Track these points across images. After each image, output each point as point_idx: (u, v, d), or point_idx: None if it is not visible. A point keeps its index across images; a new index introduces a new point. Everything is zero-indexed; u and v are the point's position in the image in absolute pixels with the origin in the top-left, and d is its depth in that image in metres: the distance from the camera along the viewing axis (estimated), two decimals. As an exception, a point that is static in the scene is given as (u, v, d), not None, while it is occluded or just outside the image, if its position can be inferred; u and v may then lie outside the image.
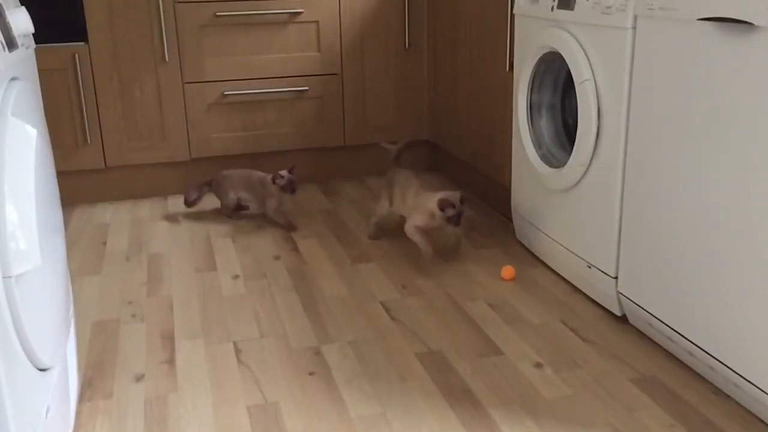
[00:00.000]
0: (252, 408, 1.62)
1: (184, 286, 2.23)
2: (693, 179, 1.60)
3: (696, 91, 1.56)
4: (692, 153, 1.59)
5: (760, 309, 1.44)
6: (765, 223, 1.41)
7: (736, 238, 1.49)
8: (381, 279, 2.27)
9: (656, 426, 1.52)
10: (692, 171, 1.60)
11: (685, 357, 1.73)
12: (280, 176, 2.61)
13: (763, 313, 1.44)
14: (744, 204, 1.46)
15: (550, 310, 2.04)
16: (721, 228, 1.53)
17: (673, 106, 1.64)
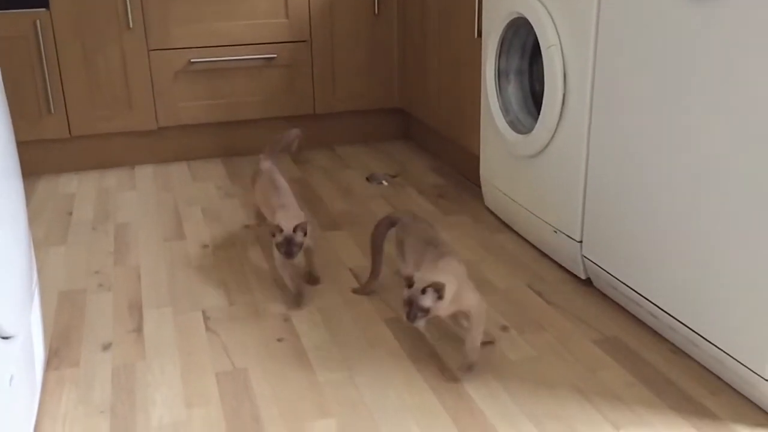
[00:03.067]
0: (220, 375, 1.62)
1: (152, 256, 2.22)
2: (655, 144, 1.62)
3: (660, 56, 1.57)
4: (656, 118, 1.61)
5: (719, 271, 1.48)
6: (725, 188, 1.44)
7: (697, 202, 1.52)
8: (350, 246, 2.27)
9: (617, 385, 1.56)
10: (655, 136, 1.62)
11: (646, 318, 1.77)
12: (279, 230, 1.85)
13: (722, 274, 1.47)
14: (705, 169, 1.48)
15: (517, 275, 2.06)
16: (683, 193, 1.55)
17: (637, 71, 1.65)
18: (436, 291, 1.49)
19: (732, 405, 1.48)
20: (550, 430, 1.42)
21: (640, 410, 1.48)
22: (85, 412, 1.50)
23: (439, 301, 1.51)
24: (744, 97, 1.36)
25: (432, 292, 1.50)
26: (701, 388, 1.54)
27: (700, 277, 1.53)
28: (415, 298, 1.50)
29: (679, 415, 1.46)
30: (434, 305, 1.50)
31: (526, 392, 1.54)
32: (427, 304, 1.50)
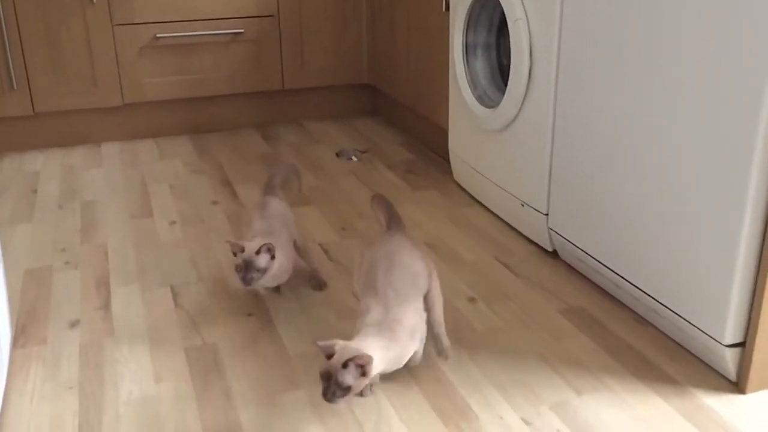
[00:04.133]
0: (190, 350, 1.62)
1: (119, 233, 2.20)
2: (620, 118, 1.64)
3: (625, 30, 1.59)
4: (621, 91, 1.63)
5: (680, 242, 1.51)
6: (687, 163, 1.46)
7: (659, 175, 1.54)
8: (320, 222, 2.28)
9: (581, 352, 1.59)
10: (620, 110, 1.64)
11: (610, 288, 1.80)
12: (240, 250, 1.65)
13: (683, 246, 1.50)
14: (667, 143, 1.51)
15: (485, 248, 2.09)
16: (646, 165, 1.58)
17: (602, 45, 1.66)
18: (359, 367, 1.24)
19: (692, 371, 1.52)
20: (515, 397, 1.45)
21: (602, 376, 1.51)
22: (53, 389, 1.49)
23: (362, 378, 1.24)
24: (709, 71, 1.39)
25: (354, 369, 1.24)
26: (662, 355, 1.58)
27: (662, 248, 1.56)
28: (334, 372, 1.23)
29: (641, 381, 1.49)
30: (356, 383, 1.23)
31: (492, 361, 1.57)
32: (348, 382, 1.23)
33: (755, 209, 1.34)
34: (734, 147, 1.34)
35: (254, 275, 1.62)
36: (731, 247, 1.38)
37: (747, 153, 1.32)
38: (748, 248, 1.37)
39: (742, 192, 1.34)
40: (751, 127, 1.30)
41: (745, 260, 1.38)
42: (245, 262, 1.61)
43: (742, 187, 1.34)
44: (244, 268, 1.61)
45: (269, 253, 1.63)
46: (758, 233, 1.36)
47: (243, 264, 1.61)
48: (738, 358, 1.45)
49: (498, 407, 1.43)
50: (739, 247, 1.37)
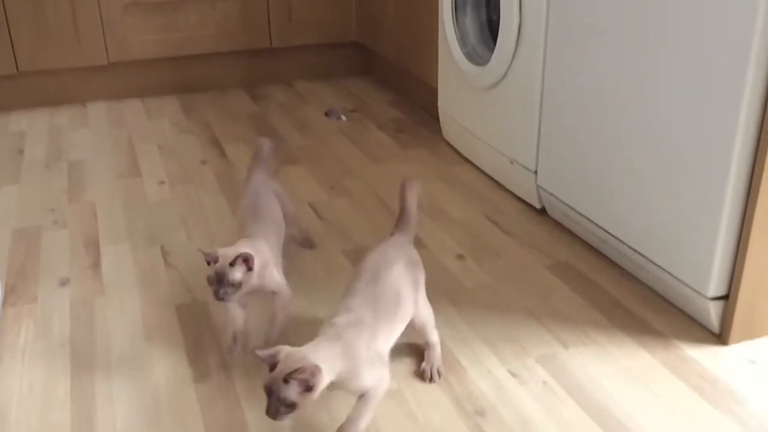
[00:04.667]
0: (181, 307, 1.63)
1: (108, 193, 2.20)
2: (609, 75, 1.63)
3: (612, -18, 1.58)
4: (610, 48, 1.62)
5: (665, 198, 1.52)
6: (672, 119, 1.47)
7: (647, 132, 1.55)
8: (309, 180, 2.27)
9: (568, 307, 1.62)
10: (609, 66, 1.63)
11: (597, 244, 1.82)
12: (213, 259, 1.38)
13: (667, 202, 1.51)
14: (654, 99, 1.51)
15: (474, 205, 2.09)
16: (633, 122, 1.58)
17: (592, 1, 1.65)
18: (303, 381, 1.11)
19: (676, 323, 1.55)
20: (503, 351, 1.48)
21: (589, 330, 1.54)
22: (45, 346, 1.50)
23: (308, 393, 1.12)
24: (698, 28, 1.38)
25: (297, 384, 1.11)
26: (647, 309, 1.60)
27: (648, 204, 1.57)
28: (275, 387, 1.11)
29: (626, 334, 1.52)
30: (301, 399, 1.11)
31: (481, 317, 1.59)
32: (291, 398, 1.11)
33: (740, 164, 1.35)
34: (721, 104, 1.35)
35: (228, 290, 1.36)
36: (716, 203, 1.39)
37: (733, 110, 1.32)
38: (733, 204, 1.38)
39: (728, 148, 1.35)
40: (737, 83, 1.30)
41: (729, 215, 1.39)
42: (217, 275, 1.35)
43: (727, 143, 1.35)
44: (216, 281, 1.36)
45: (245, 265, 1.37)
46: (743, 189, 1.37)
47: (215, 276, 1.36)
48: (721, 311, 1.47)
49: (486, 361, 1.45)
50: (724, 202, 1.38)
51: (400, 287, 1.33)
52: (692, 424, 1.28)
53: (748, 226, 1.38)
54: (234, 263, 1.35)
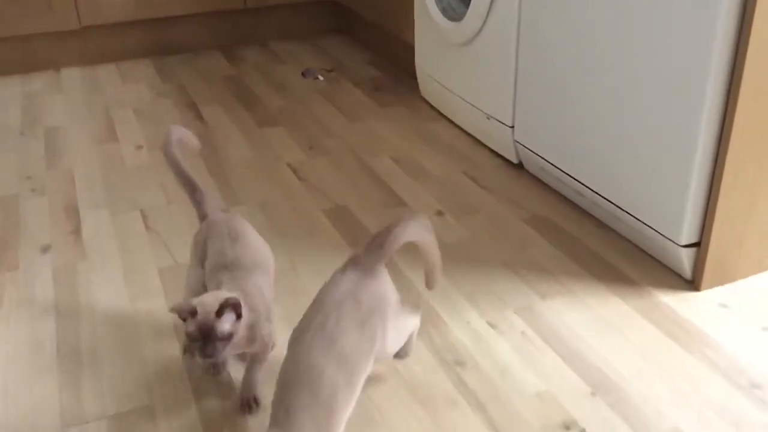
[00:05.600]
0: (163, 270, 1.65)
1: (85, 159, 2.18)
2: (584, 29, 1.64)
3: (584, -67, 1.57)
4: (583, 2, 1.62)
5: (638, 150, 1.54)
6: (645, 74, 1.48)
7: (621, 85, 1.56)
8: (287, 141, 2.27)
9: (545, 259, 1.65)
10: (583, 21, 1.63)
11: (573, 197, 1.85)
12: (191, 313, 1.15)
13: (641, 153, 1.54)
14: (628, 52, 1.52)
15: (452, 162, 2.11)
16: (608, 76, 1.59)
17: (563, -50, 1.65)
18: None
19: (649, 271, 1.59)
20: (482, 303, 1.51)
21: (565, 281, 1.57)
22: (30, 312, 1.52)
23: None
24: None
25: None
26: (622, 258, 1.64)
27: (621, 156, 1.60)
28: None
29: (602, 284, 1.56)
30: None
31: (460, 271, 1.62)
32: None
33: (711, 115, 1.37)
34: (691, 57, 1.36)
35: (217, 345, 1.13)
36: (688, 153, 1.42)
37: (704, 62, 1.34)
38: (704, 154, 1.41)
39: (699, 99, 1.37)
40: (707, 37, 1.32)
41: (700, 166, 1.42)
42: (201, 329, 1.12)
43: (698, 94, 1.36)
44: (201, 338, 1.12)
45: (234, 311, 1.15)
46: (713, 139, 1.40)
47: (198, 331, 1.12)
48: (693, 258, 1.51)
49: (465, 313, 1.49)
50: (695, 153, 1.41)
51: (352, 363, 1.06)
52: (665, 367, 1.32)
53: (719, 176, 1.41)
54: (221, 312, 1.13)
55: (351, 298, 1.10)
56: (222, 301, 1.13)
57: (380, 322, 1.12)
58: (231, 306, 1.14)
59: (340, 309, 1.08)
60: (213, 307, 1.13)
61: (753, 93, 1.34)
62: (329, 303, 1.09)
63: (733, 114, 1.35)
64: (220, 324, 1.13)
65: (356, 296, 1.10)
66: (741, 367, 1.32)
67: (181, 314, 1.14)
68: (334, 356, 1.04)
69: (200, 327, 1.12)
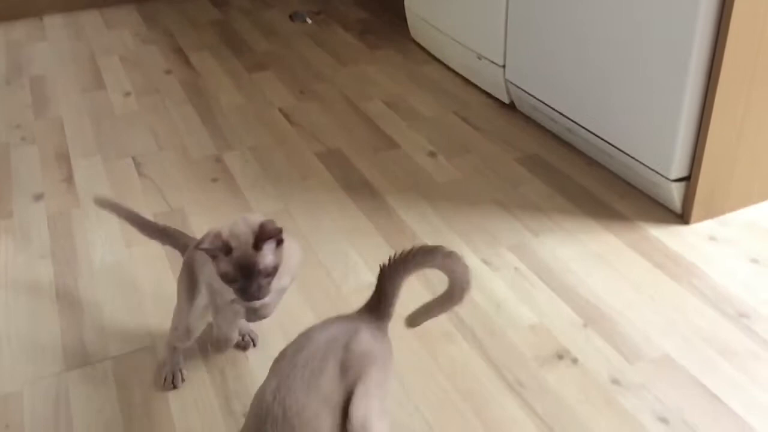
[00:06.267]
0: (158, 215, 1.65)
1: (73, 107, 2.16)
2: (573, -41, 1.62)
3: None
4: (572, -69, 1.60)
5: (628, 86, 1.54)
6: (633, 6, 1.47)
7: (612, 22, 1.55)
8: (278, 86, 2.25)
9: (537, 197, 1.66)
10: (572, -50, 1.61)
11: (564, 134, 1.85)
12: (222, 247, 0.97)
13: (631, 89, 1.54)
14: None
15: (443, 103, 2.10)
16: (598, 13, 1.58)
17: None
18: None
19: (640, 206, 1.61)
20: (476, 241, 1.53)
21: (557, 217, 1.59)
22: (26, 259, 1.52)
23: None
24: None
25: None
26: (613, 194, 1.66)
27: (612, 93, 1.60)
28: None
29: (593, 219, 1.58)
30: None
31: (453, 211, 1.63)
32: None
33: (700, 50, 1.37)
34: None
35: (261, 282, 0.96)
36: (677, 89, 1.42)
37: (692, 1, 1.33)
38: (693, 89, 1.41)
39: (689, 35, 1.36)
40: (701, -38, 1.31)
41: (690, 101, 1.42)
42: (242, 266, 0.95)
43: (688, 29, 1.36)
44: (241, 275, 0.95)
45: (275, 238, 0.97)
46: (703, 74, 1.40)
47: (237, 269, 0.95)
48: (683, 192, 1.53)
49: (460, 251, 1.50)
50: (685, 88, 1.41)
51: None
52: (655, 298, 1.35)
53: (708, 110, 1.42)
54: (259, 244, 0.95)
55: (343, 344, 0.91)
56: (258, 229, 0.95)
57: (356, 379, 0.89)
58: (269, 233, 0.95)
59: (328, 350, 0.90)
60: (249, 237, 0.95)
61: (742, 29, 1.34)
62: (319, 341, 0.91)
63: (722, 49, 1.35)
64: (263, 257, 0.95)
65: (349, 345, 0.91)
66: (729, 297, 1.35)
67: (211, 252, 0.96)
68: (320, 400, 0.85)
69: (239, 264, 0.94)
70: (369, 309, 0.99)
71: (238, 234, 0.96)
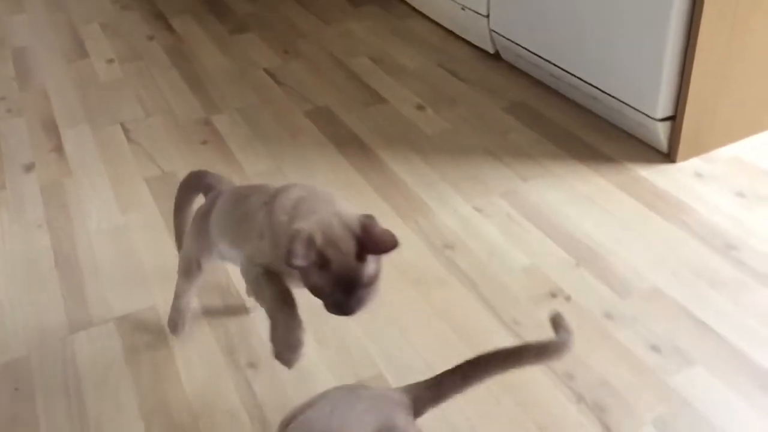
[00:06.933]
0: (150, 179, 1.66)
1: (58, 77, 2.15)
2: None
3: None
4: None
5: (614, 27, 1.55)
6: (617, -62, 1.47)
7: (591, -43, 1.55)
8: (262, 47, 2.25)
9: (525, 144, 1.68)
10: None
11: (550, 81, 1.86)
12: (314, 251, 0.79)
13: (617, 30, 1.55)
14: None
15: (429, 57, 2.11)
16: (579, -51, 1.58)
17: None
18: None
19: (627, 148, 1.63)
20: (467, 190, 1.55)
21: (546, 162, 1.61)
22: (22, 228, 1.53)
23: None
24: None
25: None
26: (600, 137, 1.68)
27: (596, 36, 1.60)
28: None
29: (581, 163, 1.60)
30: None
31: (443, 161, 1.65)
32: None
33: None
34: None
35: (361, 295, 0.81)
36: (661, 27, 1.43)
37: (677, -74, 1.33)
38: (677, 28, 1.42)
39: (672, -33, 1.37)
40: None
41: (673, 40, 1.43)
42: (344, 279, 0.79)
43: (672, -38, 1.37)
44: (342, 290, 0.79)
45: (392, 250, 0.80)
46: (686, 12, 1.41)
47: (340, 282, 0.79)
48: (669, 131, 1.55)
49: (452, 201, 1.53)
50: (668, 27, 1.42)
51: None
52: (644, 235, 1.38)
53: (691, 49, 1.43)
54: (364, 255, 0.78)
55: None
56: (363, 235, 0.78)
57: None
58: (385, 245, 0.78)
59: None
60: (350, 245, 0.78)
61: (725, -40, 1.35)
62: None
63: (705, -17, 1.36)
64: (366, 267, 0.78)
65: None
66: (717, 230, 1.38)
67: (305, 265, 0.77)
68: None
69: (338, 279, 0.78)
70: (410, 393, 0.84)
71: (335, 241, 0.78)
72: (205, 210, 1.08)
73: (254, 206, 0.93)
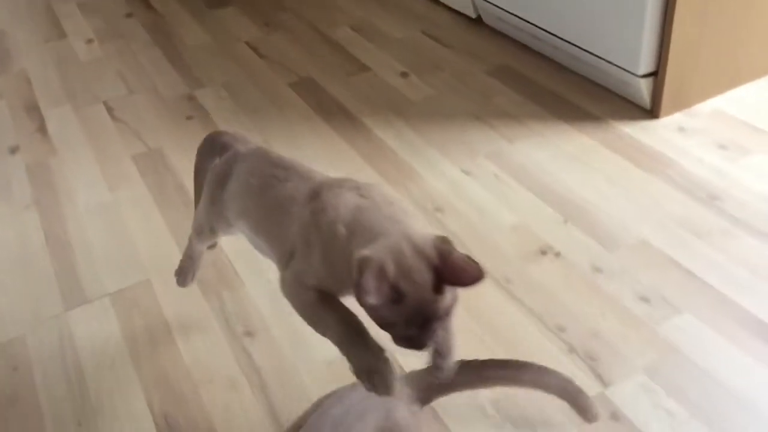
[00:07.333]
0: (137, 156, 1.66)
1: (37, 58, 2.13)
2: None
3: None
4: None
5: (593, -18, 1.56)
6: None
7: None
8: (242, 20, 2.23)
9: (510, 106, 1.69)
10: None
11: (532, 43, 1.87)
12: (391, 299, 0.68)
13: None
14: None
15: (411, 24, 2.10)
16: None
17: None
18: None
19: (610, 105, 1.64)
20: (454, 153, 1.56)
21: (531, 124, 1.62)
22: (10, 209, 1.53)
23: None
24: None
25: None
26: (583, 96, 1.69)
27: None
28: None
29: (566, 122, 1.61)
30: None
31: (429, 126, 1.66)
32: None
33: (662, -62, 1.38)
34: None
35: (436, 327, 0.72)
36: (642, -19, 1.44)
37: None
38: (658, -21, 1.43)
39: None
40: None
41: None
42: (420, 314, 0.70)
43: None
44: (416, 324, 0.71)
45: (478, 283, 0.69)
46: (666, -38, 1.41)
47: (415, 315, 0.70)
48: (651, 87, 1.56)
49: (439, 165, 1.54)
50: (649, -21, 1.42)
51: None
52: (630, 189, 1.40)
53: (672, 4, 1.44)
54: (441, 287, 0.69)
55: None
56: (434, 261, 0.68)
57: None
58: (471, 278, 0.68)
59: None
60: (426, 275, 0.68)
61: None
62: None
63: (683, -63, 1.37)
64: (443, 299, 0.70)
65: None
66: (700, 182, 1.40)
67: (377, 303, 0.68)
68: None
69: (413, 314, 0.69)
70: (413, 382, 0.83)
71: (410, 272, 0.68)
72: (221, 175, 0.95)
73: (293, 197, 0.82)
